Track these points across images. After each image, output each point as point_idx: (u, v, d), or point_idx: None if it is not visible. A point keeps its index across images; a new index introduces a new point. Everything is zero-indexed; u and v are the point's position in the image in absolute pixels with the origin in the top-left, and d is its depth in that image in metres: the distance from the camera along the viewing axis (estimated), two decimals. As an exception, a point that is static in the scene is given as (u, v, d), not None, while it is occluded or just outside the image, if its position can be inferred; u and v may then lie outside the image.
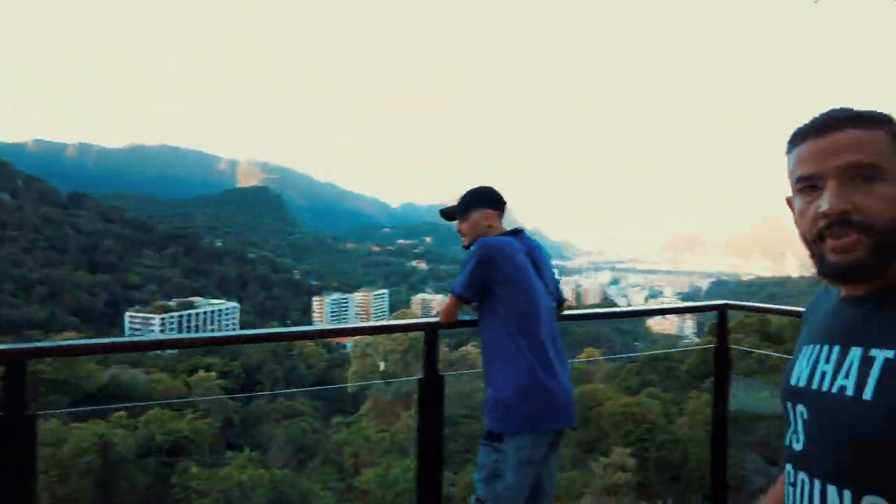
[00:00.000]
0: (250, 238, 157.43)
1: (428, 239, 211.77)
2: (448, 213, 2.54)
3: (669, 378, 36.03)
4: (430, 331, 2.44)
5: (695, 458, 22.02)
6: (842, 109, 0.87)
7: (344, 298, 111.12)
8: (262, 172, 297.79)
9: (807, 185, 0.86)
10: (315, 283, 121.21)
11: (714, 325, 2.82)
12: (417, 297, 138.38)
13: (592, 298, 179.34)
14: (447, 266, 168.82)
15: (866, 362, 0.80)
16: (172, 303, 76.38)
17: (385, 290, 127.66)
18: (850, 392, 0.80)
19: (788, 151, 0.92)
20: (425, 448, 2.41)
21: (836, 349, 0.87)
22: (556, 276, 2.50)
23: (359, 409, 34.34)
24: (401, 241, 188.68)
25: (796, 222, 0.91)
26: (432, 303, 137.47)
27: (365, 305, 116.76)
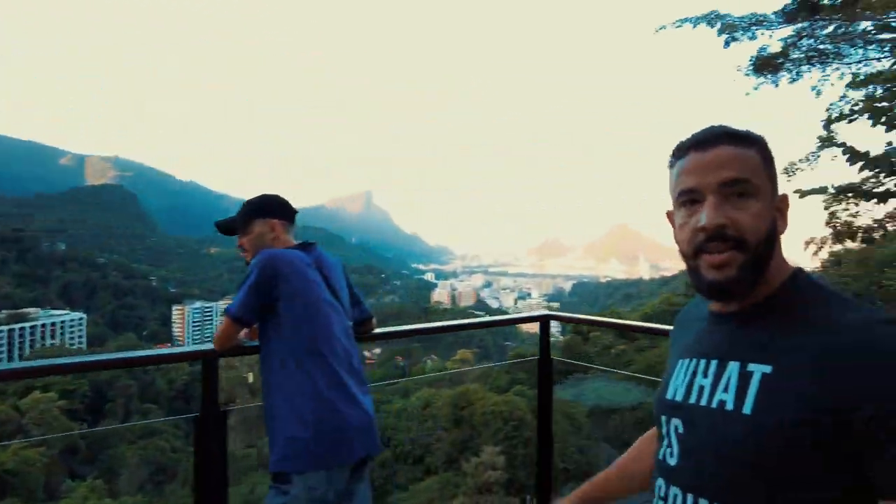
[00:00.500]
0: (100, 241, 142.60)
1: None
2: (225, 226, 2.19)
3: (535, 375, 38.11)
4: (207, 360, 2.06)
5: (559, 452, 23.47)
6: (720, 126, 0.90)
7: (208, 307, 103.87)
8: (115, 169, 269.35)
9: (687, 198, 0.88)
10: (175, 290, 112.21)
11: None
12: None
13: (467, 301, 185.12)
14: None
15: (744, 377, 0.82)
16: (1, 315, 67.08)
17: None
18: (729, 406, 0.82)
19: (671, 165, 0.94)
20: (204, 495, 2.04)
21: (714, 363, 0.89)
22: (356, 292, 2.29)
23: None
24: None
25: (676, 236, 0.93)
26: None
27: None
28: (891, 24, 7.43)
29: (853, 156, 1.73)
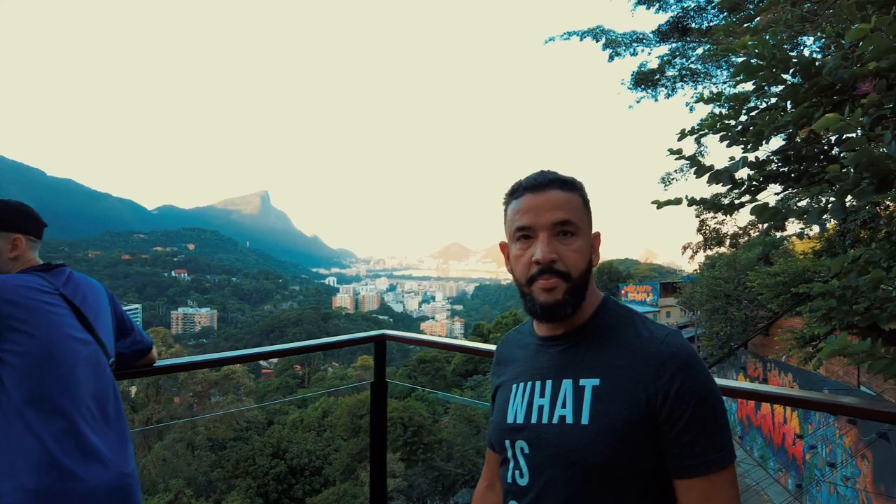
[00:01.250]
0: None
1: (191, 246, 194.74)
2: None
3: (438, 378, 38.40)
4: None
5: (458, 456, 23.71)
6: (551, 172, 1.04)
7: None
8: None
9: (522, 234, 1.02)
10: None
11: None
12: (178, 312, 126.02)
13: (371, 305, 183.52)
14: (214, 276, 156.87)
15: (578, 392, 0.97)
16: None
17: (137, 305, 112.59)
18: (570, 420, 0.95)
19: (506, 203, 1.08)
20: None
21: (549, 383, 1.02)
22: (127, 320, 1.96)
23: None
24: (158, 249, 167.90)
25: (510, 265, 1.07)
26: (195, 317, 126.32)
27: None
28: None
29: (699, 168, 1.78)
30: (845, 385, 14.47)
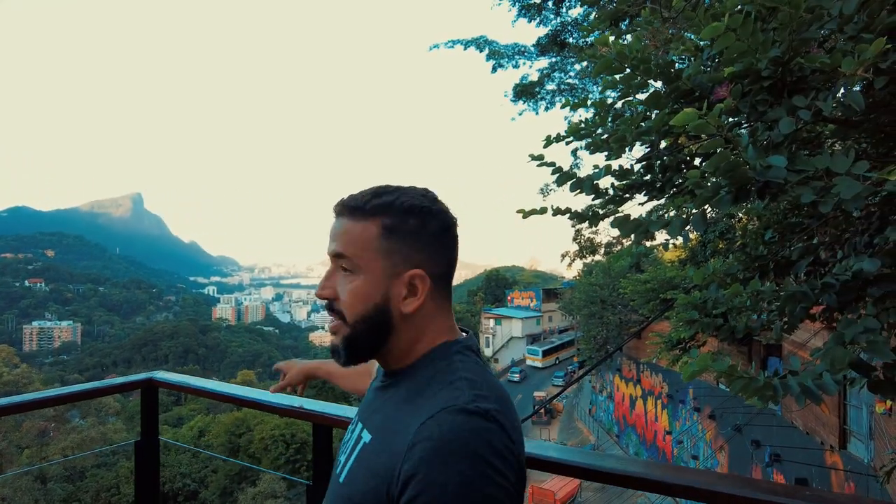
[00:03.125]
0: None
1: (49, 252, 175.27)
2: None
3: (325, 390, 37.31)
4: None
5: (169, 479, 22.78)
6: (355, 196, 0.89)
7: None
8: None
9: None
10: None
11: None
12: (33, 326, 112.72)
13: (255, 316, 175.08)
14: (78, 285, 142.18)
15: (356, 442, 0.86)
16: None
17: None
18: (339, 473, 0.86)
19: None
20: None
21: (358, 426, 0.90)
22: None
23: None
24: (7, 256, 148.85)
25: None
26: (54, 331, 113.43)
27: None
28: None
29: (560, 176, 1.70)
30: (707, 384, 15.82)
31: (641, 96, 2.33)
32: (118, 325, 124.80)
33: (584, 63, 9.75)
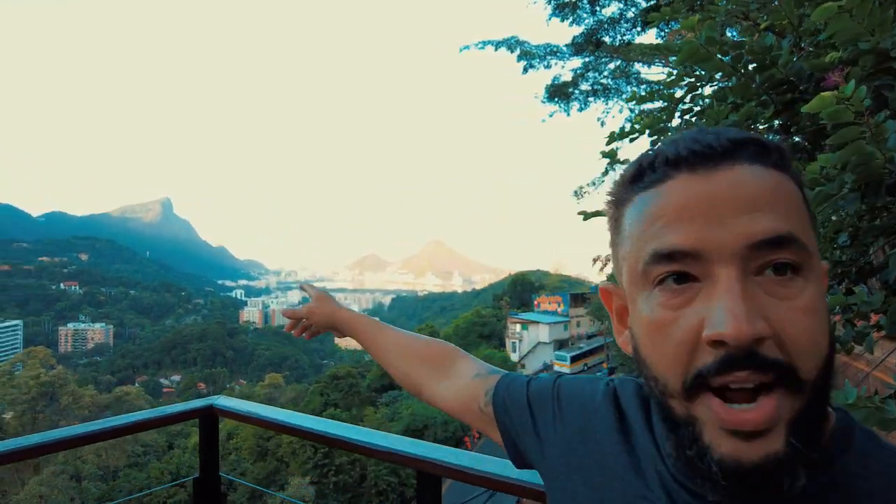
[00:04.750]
0: None
1: (83, 256, 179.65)
2: None
3: (352, 395, 37.41)
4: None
5: (373, 475, 22.94)
6: (728, 129, 0.49)
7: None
8: None
9: (672, 270, 0.45)
10: None
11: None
12: (68, 328, 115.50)
13: (281, 319, 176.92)
14: (110, 288, 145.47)
15: None
16: None
17: (18, 322, 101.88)
18: None
19: (620, 201, 0.52)
20: None
21: None
22: None
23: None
24: (44, 259, 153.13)
25: (637, 341, 0.49)
26: (88, 333, 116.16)
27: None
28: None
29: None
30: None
31: (709, 90, 2.17)
32: (148, 327, 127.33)
33: (619, 62, 9.56)
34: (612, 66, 8.72)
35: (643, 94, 2.23)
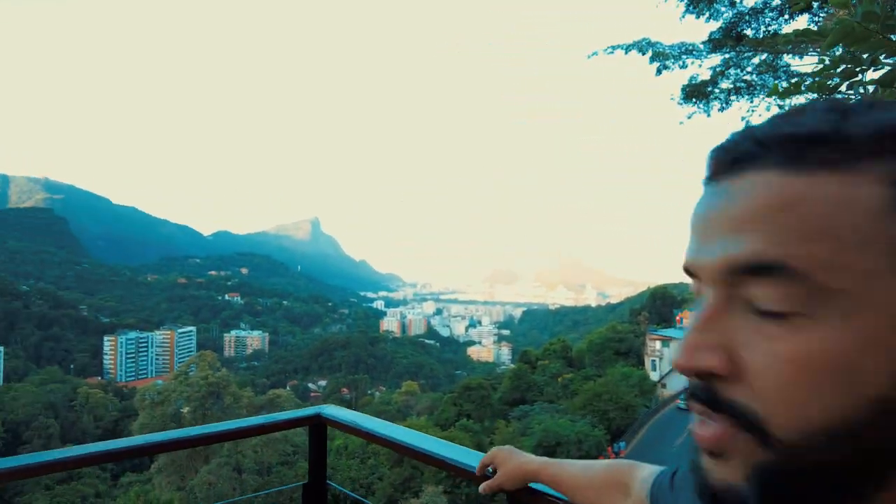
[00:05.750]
0: (24, 268, 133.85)
1: (244, 270, 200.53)
2: None
3: (483, 407, 37.60)
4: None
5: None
6: (779, 118, 0.38)
7: (143, 337, 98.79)
8: (44, 191, 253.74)
9: (693, 287, 0.42)
10: (107, 320, 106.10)
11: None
12: (231, 335, 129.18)
13: (417, 329, 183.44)
14: (266, 299, 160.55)
15: None
16: None
17: (192, 328, 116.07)
18: None
19: None
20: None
21: None
22: None
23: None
24: (212, 273, 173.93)
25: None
26: (247, 340, 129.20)
27: (168, 345, 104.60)
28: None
29: None
30: None
31: (874, 74, 1.85)
32: (299, 335, 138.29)
33: (764, 55, 8.69)
34: (756, 60, 7.93)
35: (786, 86, 1.96)
